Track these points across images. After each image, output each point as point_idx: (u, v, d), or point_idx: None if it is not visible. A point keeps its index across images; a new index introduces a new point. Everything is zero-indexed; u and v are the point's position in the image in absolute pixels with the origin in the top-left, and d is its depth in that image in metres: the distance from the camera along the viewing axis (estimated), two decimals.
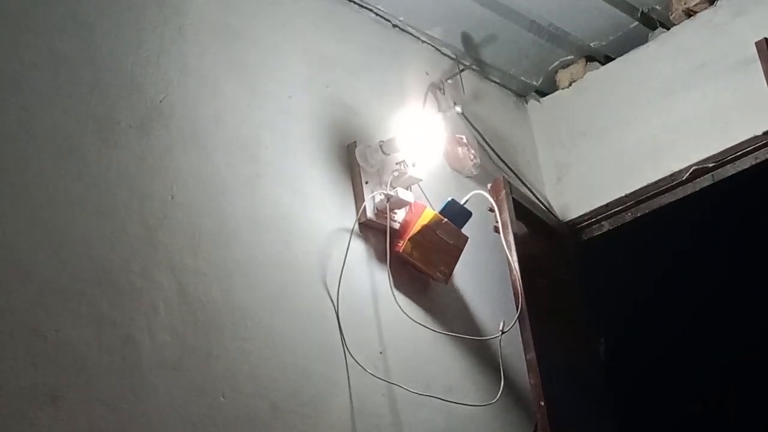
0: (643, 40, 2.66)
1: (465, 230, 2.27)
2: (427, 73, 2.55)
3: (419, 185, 2.26)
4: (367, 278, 2.13)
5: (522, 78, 2.81)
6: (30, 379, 1.50)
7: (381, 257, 2.14)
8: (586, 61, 2.78)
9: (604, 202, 2.66)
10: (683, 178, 2.49)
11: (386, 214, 2.12)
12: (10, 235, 1.59)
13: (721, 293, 3.09)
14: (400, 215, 2.15)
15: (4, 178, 1.63)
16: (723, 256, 3.10)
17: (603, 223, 2.70)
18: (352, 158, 2.18)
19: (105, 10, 1.86)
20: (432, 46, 2.59)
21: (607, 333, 2.71)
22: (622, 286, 2.95)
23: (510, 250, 2.27)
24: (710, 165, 2.44)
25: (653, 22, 2.63)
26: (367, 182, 2.15)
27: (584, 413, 2.36)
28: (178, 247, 1.80)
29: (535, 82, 2.86)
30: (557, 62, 2.80)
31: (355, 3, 2.34)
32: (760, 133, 2.31)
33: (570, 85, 2.82)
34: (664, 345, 3.09)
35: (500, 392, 2.16)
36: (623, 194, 2.62)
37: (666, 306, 3.15)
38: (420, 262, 2.14)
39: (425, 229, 2.13)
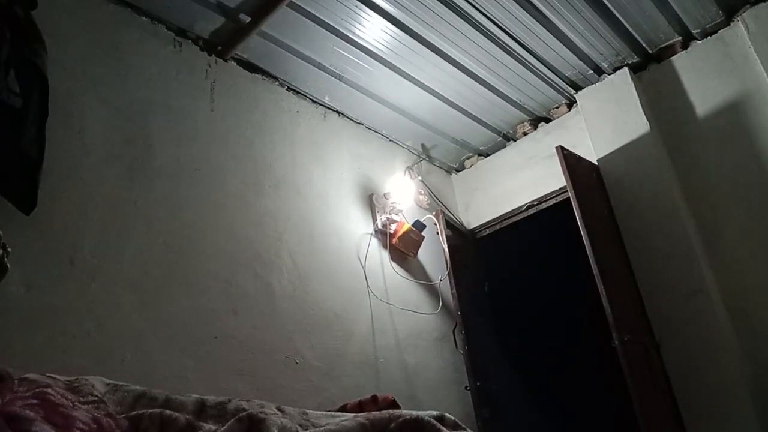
0: (503, 146, 3.45)
1: (424, 233, 2.97)
2: (405, 163, 3.17)
3: (402, 213, 2.95)
4: (378, 255, 2.74)
5: (449, 163, 3.50)
6: (222, 304, 1.91)
7: (385, 245, 2.78)
8: (478, 156, 3.46)
9: (486, 220, 3.36)
10: (523, 209, 3.25)
11: (387, 227, 2.82)
12: (219, 239, 1.93)
13: (549, 276, 3.50)
14: (393, 227, 2.83)
15: (214, 214, 1.91)
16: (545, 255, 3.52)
17: (486, 230, 3.40)
18: (371, 201, 2.83)
19: (261, 132, 2.30)
20: (407, 149, 3.25)
21: (490, 279, 3.35)
22: (496, 258, 3.47)
23: (444, 242, 2.99)
24: (534, 203, 3.19)
25: (509, 138, 3.40)
26: (378, 211, 2.79)
27: (478, 317, 3.04)
28: (294, 243, 2.32)
29: (454, 166, 3.54)
30: (464, 156, 3.49)
31: (371, 130, 3.09)
32: (557, 188, 2.96)
33: (471, 167, 3.51)
34: (520, 287, 3.60)
35: (439, 308, 2.82)
36: (496, 215, 3.33)
37: (520, 270, 3.58)
38: (403, 248, 2.82)
39: (405, 233, 2.84)
